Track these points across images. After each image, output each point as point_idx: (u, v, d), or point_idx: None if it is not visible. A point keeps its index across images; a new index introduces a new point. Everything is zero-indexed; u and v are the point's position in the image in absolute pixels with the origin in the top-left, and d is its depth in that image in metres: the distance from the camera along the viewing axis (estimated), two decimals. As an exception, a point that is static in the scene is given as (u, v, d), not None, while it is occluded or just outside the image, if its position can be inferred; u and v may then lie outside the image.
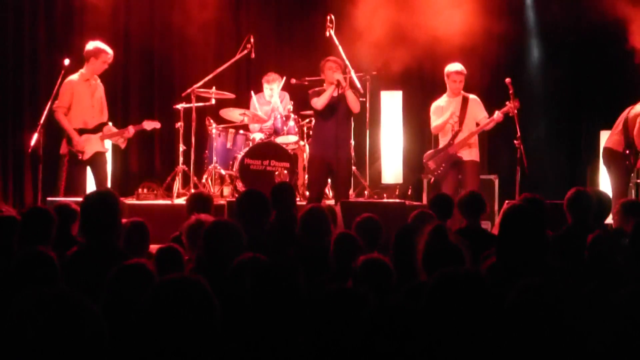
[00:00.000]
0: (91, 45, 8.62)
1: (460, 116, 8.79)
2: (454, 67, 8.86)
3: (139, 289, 2.92)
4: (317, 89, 8.64)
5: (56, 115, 8.48)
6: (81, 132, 8.49)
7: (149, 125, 9.05)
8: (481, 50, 10.71)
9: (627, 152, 8.77)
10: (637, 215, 5.58)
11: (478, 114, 8.88)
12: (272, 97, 9.99)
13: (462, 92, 8.88)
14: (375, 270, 3.80)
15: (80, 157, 8.44)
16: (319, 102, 8.49)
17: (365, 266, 3.85)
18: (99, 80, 8.71)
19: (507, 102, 8.65)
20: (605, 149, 8.93)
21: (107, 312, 3.05)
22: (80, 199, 4.96)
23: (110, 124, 8.85)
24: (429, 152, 8.98)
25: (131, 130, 8.82)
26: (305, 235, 5.35)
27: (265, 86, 10.06)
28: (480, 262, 4.40)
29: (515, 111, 8.61)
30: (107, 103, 8.86)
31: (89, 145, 8.51)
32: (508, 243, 3.91)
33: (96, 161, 8.57)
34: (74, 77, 8.56)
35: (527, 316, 2.68)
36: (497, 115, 8.69)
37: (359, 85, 8.66)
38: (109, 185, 8.78)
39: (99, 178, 8.55)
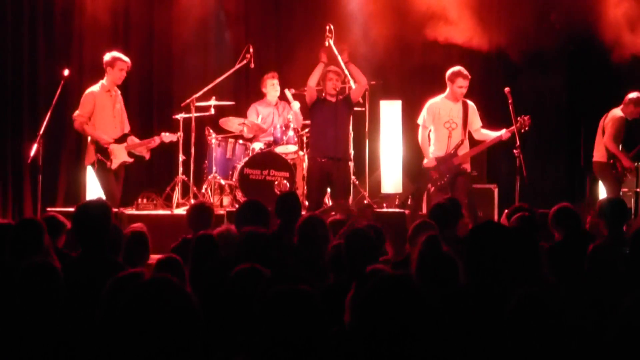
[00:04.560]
0: (108, 55, 8.57)
1: (463, 124, 8.70)
2: (462, 72, 8.71)
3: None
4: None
5: (76, 124, 8.38)
6: None
7: (167, 138, 9.03)
8: (480, 58, 10.71)
9: (612, 161, 9.15)
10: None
11: (475, 122, 8.82)
12: (276, 91, 9.97)
13: None
14: None
15: (108, 166, 8.35)
16: (311, 80, 8.53)
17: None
18: (119, 92, 8.67)
19: (519, 118, 8.60)
20: (594, 162, 9.43)
21: (103, 324, 3.04)
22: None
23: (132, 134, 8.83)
24: (431, 159, 8.77)
25: (157, 140, 8.81)
26: (303, 244, 5.32)
27: (268, 82, 10.01)
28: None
29: (527, 127, 8.60)
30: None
31: (116, 156, 8.44)
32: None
33: (120, 172, 8.53)
34: (95, 88, 8.49)
35: (528, 323, 2.66)
36: (505, 134, 8.65)
37: (361, 77, 8.72)
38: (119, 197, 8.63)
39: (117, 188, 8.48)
